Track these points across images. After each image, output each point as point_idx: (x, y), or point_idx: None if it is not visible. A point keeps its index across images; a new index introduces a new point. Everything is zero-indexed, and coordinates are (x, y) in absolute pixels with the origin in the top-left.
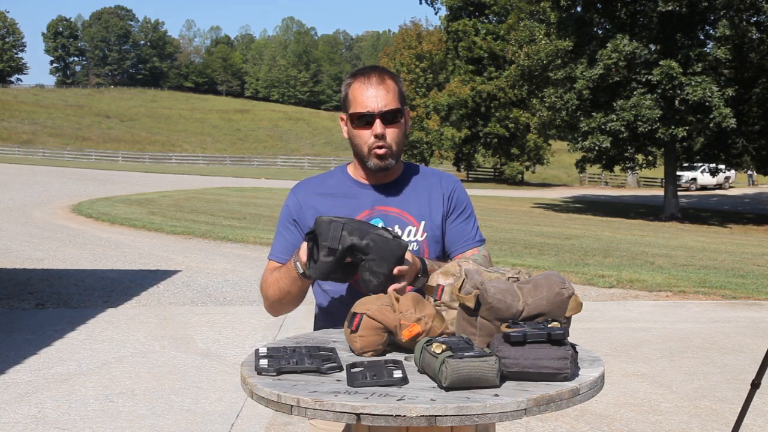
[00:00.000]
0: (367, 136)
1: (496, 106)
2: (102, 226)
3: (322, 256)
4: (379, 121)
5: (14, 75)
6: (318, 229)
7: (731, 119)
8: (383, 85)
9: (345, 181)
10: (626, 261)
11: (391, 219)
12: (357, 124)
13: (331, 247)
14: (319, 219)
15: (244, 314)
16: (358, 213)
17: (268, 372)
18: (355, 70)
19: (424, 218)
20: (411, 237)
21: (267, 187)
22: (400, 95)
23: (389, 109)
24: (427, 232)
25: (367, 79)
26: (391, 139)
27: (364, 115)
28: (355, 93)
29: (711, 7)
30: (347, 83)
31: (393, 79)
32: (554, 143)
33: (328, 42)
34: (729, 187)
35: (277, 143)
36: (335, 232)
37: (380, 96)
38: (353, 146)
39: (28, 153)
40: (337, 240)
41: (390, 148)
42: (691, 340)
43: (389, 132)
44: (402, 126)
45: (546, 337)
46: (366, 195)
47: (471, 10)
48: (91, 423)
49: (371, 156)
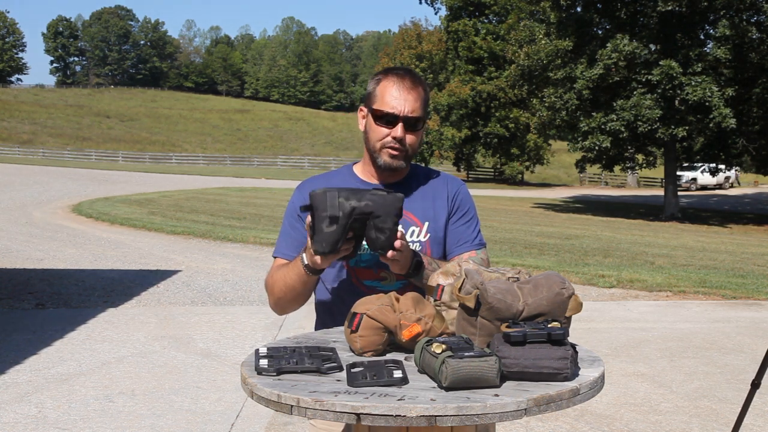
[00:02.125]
0: (384, 134)
1: (496, 106)
2: (102, 226)
3: (324, 227)
4: (401, 124)
5: (14, 75)
6: (315, 202)
7: (731, 119)
8: (414, 90)
9: (350, 180)
10: (626, 261)
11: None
12: (379, 121)
13: (332, 215)
14: (312, 192)
15: (244, 314)
16: None
17: (268, 372)
18: (388, 68)
19: (428, 219)
20: (414, 237)
21: (267, 187)
22: (426, 104)
23: (414, 116)
24: (430, 233)
25: (400, 80)
26: (409, 144)
27: (387, 115)
28: (384, 90)
29: (711, 7)
30: (377, 78)
31: (423, 88)
32: (554, 143)
33: (328, 42)
34: (729, 187)
35: (277, 143)
36: (332, 200)
37: (409, 100)
38: (367, 140)
39: (28, 153)
40: (336, 207)
41: (405, 152)
42: (691, 340)
43: (409, 137)
44: (420, 134)
45: (546, 337)
46: None
47: (471, 10)
48: (91, 423)
49: (383, 153)
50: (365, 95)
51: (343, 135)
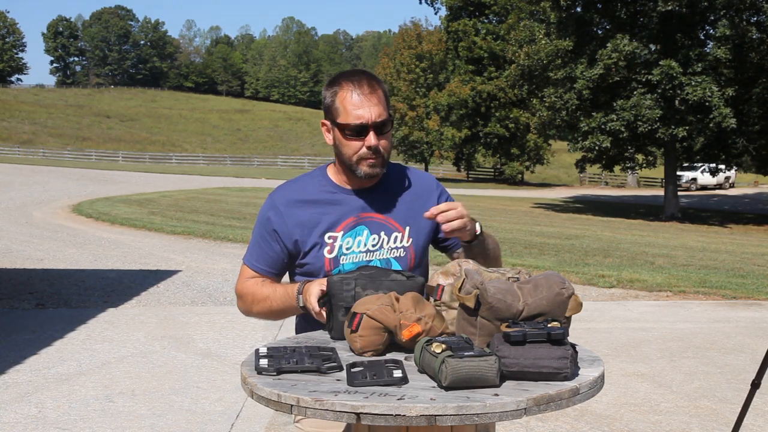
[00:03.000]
0: (358, 146)
1: (496, 106)
2: (102, 226)
3: (341, 316)
4: (372, 132)
5: (14, 75)
6: (331, 290)
7: (731, 119)
8: (375, 94)
9: (326, 186)
10: (626, 261)
11: (376, 226)
12: (349, 135)
13: (348, 307)
14: (330, 279)
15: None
16: (343, 221)
17: (268, 372)
18: (339, 75)
19: (408, 223)
20: (397, 243)
21: (267, 187)
22: (388, 103)
23: (381, 120)
24: (413, 237)
25: (357, 87)
26: (383, 149)
27: (356, 126)
28: (345, 102)
29: (711, 7)
30: (333, 90)
31: (381, 86)
32: (554, 143)
33: (328, 42)
34: (729, 187)
35: (277, 143)
36: (348, 290)
37: (373, 105)
38: (340, 155)
39: (28, 153)
40: (352, 297)
41: (382, 157)
42: (691, 340)
43: (381, 142)
44: (390, 135)
45: (546, 336)
46: (350, 201)
47: (471, 10)
48: (91, 423)
49: (362, 165)
50: (325, 108)
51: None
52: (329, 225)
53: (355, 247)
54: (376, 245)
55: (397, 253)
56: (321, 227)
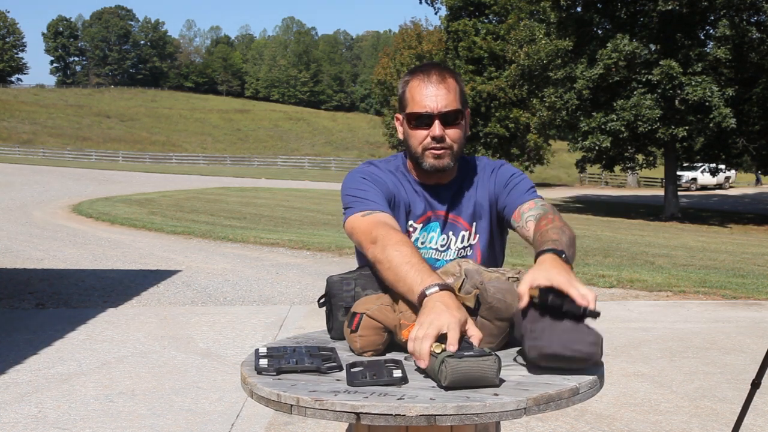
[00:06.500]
0: (423, 136)
1: (496, 106)
2: (102, 226)
3: (340, 316)
4: (438, 122)
5: (14, 75)
6: (330, 290)
7: (731, 119)
8: (444, 83)
9: (408, 175)
10: (626, 261)
11: (446, 225)
12: (415, 124)
13: (348, 306)
14: (329, 279)
15: (244, 314)
16: (423, 214)
17: (268, 372)
18: (414, 67)
19: (475, 219)
20: (464, 242)
21: (267, 187)
22: (461, 95)
23: (450, 110)
24: (479, 233)
25: (426, 77)
26: (452, 140)
27: (422, 116)
28: (413, 92)
29: (711, 6)
30: (405, 81)
31: (454, 78)
32: (554, 143)
33: (328, 42)
34: (729, 187)
35: (277, 143)
36: (348, 290)
37: (440, 95)
38: (408, 147)
39: (28, 153)
40: (352, 297)
41: (451, 149)
42: (691, 340)
43: (449, 133)
44: (463, 127)
45: (581, 311)
46: (425, 196)
47: (471, 10)
48: (91, 423)
49: (427, 156)
50: (398, 101)
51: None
52: (412, 213)
53: (429, 243)
54: (445, 245)
55: (465, 252)
56: (405, 211)
